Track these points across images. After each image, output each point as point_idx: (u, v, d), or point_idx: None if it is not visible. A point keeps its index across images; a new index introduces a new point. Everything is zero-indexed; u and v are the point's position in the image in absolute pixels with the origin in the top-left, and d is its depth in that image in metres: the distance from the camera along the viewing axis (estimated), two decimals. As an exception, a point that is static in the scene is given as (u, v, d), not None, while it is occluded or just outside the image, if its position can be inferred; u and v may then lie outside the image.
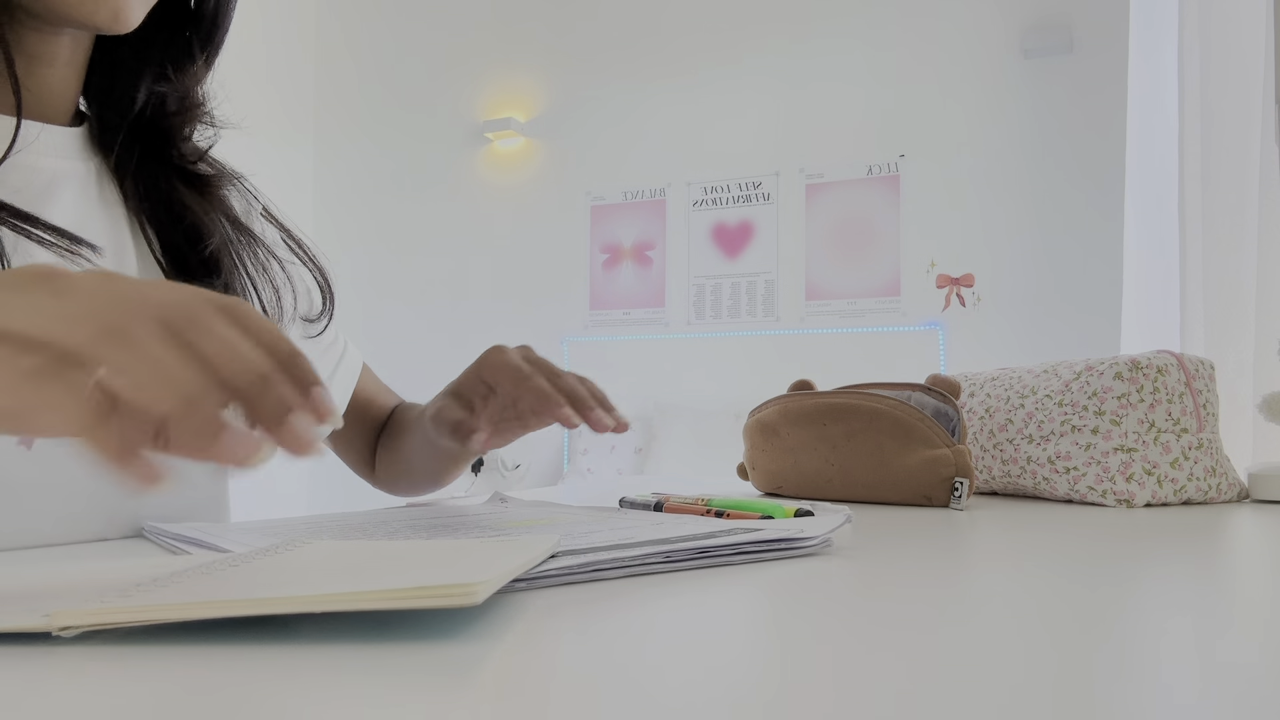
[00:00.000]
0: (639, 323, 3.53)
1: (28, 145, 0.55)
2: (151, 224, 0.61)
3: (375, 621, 0.29)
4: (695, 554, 0.41)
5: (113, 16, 0.52)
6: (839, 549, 0.49)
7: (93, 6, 0.51)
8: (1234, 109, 1.86)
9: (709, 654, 0.27)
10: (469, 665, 0.25)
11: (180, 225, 0.61)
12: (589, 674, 0.25)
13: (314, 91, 4.08)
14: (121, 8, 0.52)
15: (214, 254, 0.61)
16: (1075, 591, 0.38)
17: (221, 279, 0.61)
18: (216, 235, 0.62)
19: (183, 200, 0.62)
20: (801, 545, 0.45)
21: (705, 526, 0.49)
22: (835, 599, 0.36)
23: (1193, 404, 0.81)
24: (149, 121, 0.61)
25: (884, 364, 3.17)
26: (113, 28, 0.52)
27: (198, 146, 0.65)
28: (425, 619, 0.29)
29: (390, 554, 0.36)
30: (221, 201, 0.65)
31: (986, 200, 3.10)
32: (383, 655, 0.26)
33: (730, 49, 3.46)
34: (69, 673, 0.24)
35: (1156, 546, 0.54)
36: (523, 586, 0.35)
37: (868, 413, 0.81)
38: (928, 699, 0.22)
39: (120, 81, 0.61)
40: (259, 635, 0.27)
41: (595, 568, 0.38)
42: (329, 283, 0.75)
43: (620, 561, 0.39)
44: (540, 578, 0.36)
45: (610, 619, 0.32)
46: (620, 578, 0.39)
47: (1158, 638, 0.30)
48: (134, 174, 0.61)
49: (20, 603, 0.29)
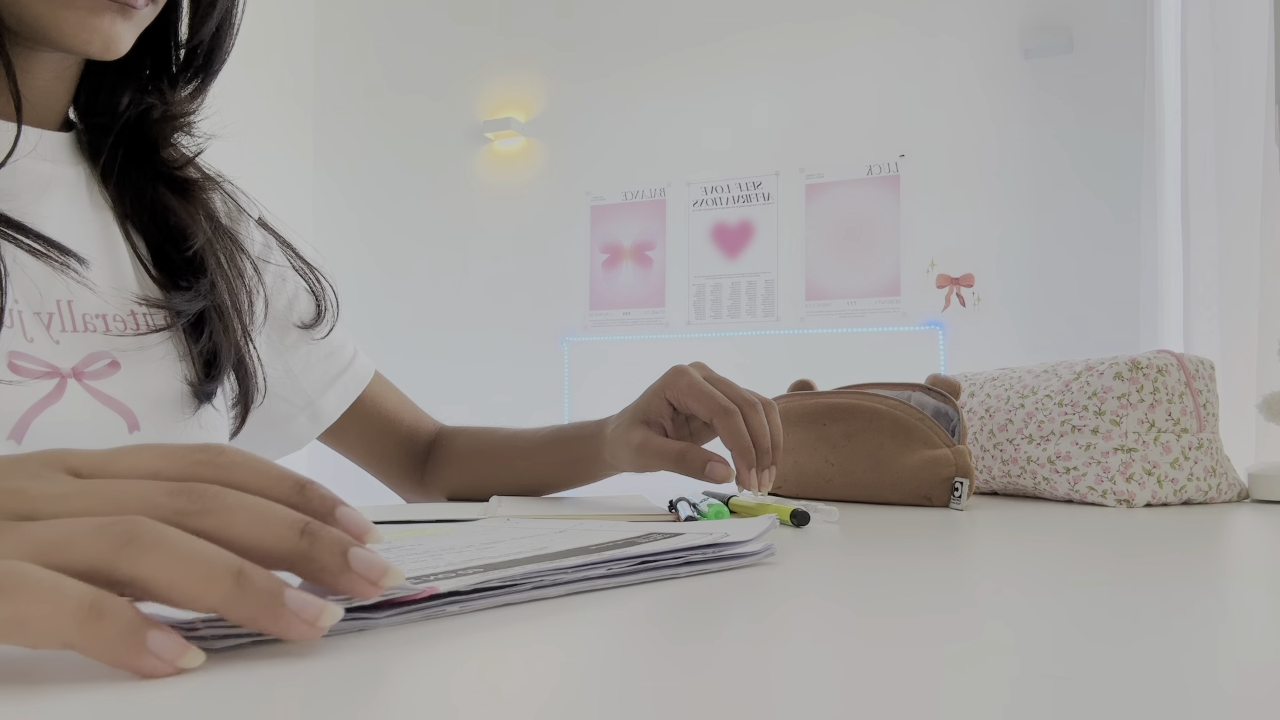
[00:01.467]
0: (639, 323, 3.53)
1: (24, 152, 0.55)
2: (136, 226, 0.62)
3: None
4: (632, 567, 0.37)
5: (104, 46, 0.52)
6: (839, 550, 0.49)
7: (87, 36, 0.51)
8: (1238, 109, 1.86)
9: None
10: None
11: (164, 228, 0.62)
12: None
13: (314, 92, 4.08)
14: (113, 38, 0.52)
15: (198, 254, 0.62)
16: (1075, 592, 0.37)
17: (208, 278, 0.61)
18: (200, 237, 0.62)
19: (165, 204, 0.62)
20: (729, 553, 0.40)
21: (613, 534, 0.43)
22: (833, 599, 0.36)
23: (1193, 404, 0.80)
24: (133, 128, 0.62)
25: (884, 364, 3.17)
26: (104, 55, 0.53)
27: (184, 153, 0.65)
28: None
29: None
30: (205, 204, 0.65)
31: (986, 200, 3.10)
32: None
33: (730, 49, 3.46)
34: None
35: (1157, 547, 0.53)
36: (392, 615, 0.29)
37: (868, 413, 0.81)
38: (927, 699, 0.22)
39: (106, 92, 0.62)
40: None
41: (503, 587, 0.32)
42: (327, 287, 0.75)
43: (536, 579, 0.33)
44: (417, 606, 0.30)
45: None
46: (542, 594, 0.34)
47: (1158, 638, 0.30)
48: (118, 179, 0.62)
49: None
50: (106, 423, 0.56)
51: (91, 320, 0.57)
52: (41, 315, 0.55)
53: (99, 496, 0.27)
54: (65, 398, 0.54)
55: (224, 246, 0.65)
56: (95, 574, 0.24)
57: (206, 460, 0.28)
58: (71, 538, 0.25)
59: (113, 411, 0.56)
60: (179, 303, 0.60)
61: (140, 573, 0.24)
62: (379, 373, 0.83)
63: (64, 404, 0.54)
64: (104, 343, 0.57)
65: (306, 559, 0.26)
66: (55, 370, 0.54)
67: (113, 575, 0.24)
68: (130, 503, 0.26)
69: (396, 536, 0.46)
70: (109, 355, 0.57)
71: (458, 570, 0.33)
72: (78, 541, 0.25)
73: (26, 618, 0.22)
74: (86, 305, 0.57)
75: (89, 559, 0.24)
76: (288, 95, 3.97)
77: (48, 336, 0.55)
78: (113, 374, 0.57)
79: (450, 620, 0.30)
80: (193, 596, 0.24)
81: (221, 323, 0.62)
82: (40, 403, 0.53)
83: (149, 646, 0.23)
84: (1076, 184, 3.01)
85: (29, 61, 0.56)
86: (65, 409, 0.54)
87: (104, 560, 0.24)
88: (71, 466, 0.29)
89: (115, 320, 0.58)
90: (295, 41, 4.02)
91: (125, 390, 0.57)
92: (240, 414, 0.66)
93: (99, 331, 0.58)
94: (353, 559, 0.26)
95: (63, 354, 0.55)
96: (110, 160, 0.61)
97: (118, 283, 0.60)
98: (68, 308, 0.56)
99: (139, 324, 0.59)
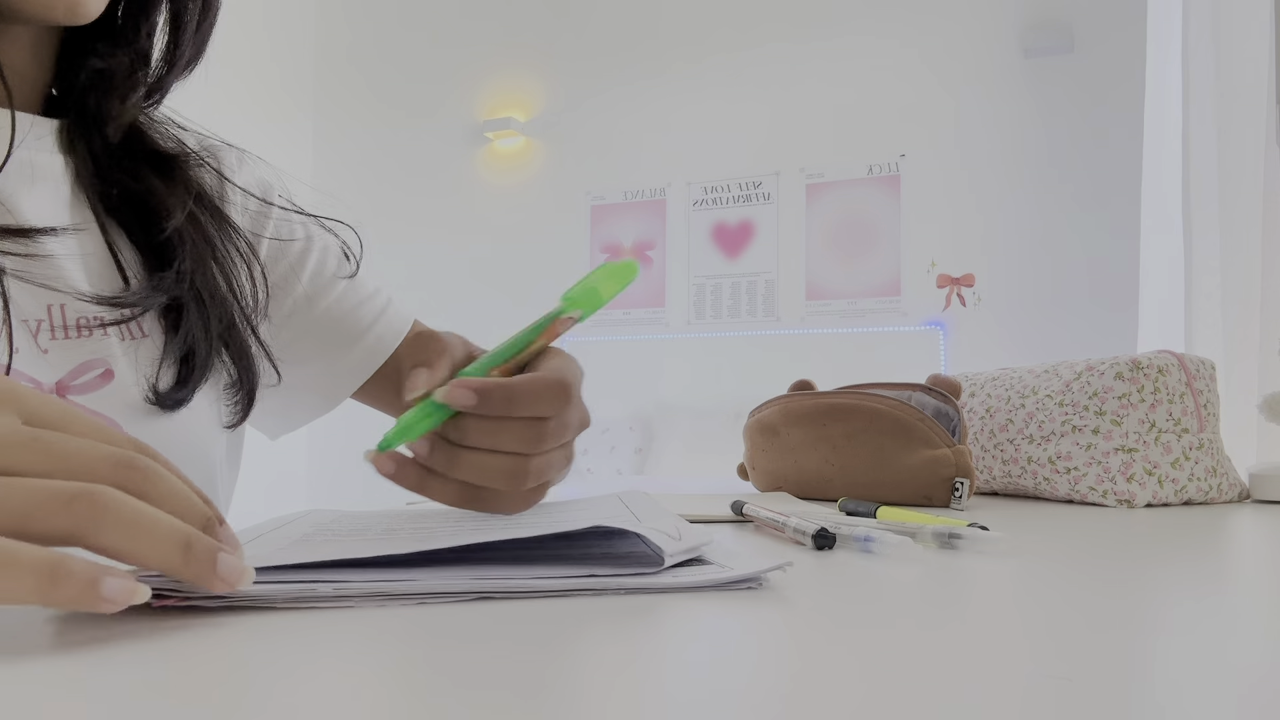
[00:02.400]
0: (639, 323, 3.53)
1: (16, 140, 0.53)
2: (117, 218, 0.58)
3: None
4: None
5: (69, 10, 0.49)
6: (836, 549, 0.49)
7: (49, 2, 0.49)
8: (1238, 109, 1.86)
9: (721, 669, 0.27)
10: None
11: (145, 213, 0.58)
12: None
13: (314, 92, 4.08)
14: (78, 1, 0.49)
15: (176, 232, 0.57)
16: (1075, 592, 0.37)
17: (186, 260, 0.57)
18: (177, 215, 0.58)
19: (148, 185, 0.58)
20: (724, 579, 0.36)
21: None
22: (831, 600, 0.36)
23: (1193, 404, 0.80)
24: (99, 91, 0.58)
25: (884, 364, 3.17)
26: (70, 20, 0.50)
27: (164, 121, 0.61)
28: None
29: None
30: (188, 180, 0.61)
31: (987, 200, 3.10)
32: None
33: (731, 49, 3.46)
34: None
35: (1157, 547, 0.53)
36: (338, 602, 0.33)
37: (868, 413, 0.81)
38: (928, 699, 0.22)
39: (77, 60, 0.58)
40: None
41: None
42: (338, 237, 0.71)
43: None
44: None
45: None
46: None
47: (1158, 638, 0.30)
48: (102, 163, 0.58)
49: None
50: None
51: (86, 324, 0.54)
52: (30, 323, 0.52)
53: (49, 455, 0.30)
54: None
55: (212, 225, 0.60)
56: (65, 542, 0.28)
57: (140, 458, 0.31)
58: (39, 509, 0.28)
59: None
60: (155, 295, 0.56)
61: (107, 543, 0.28)
62: (420, 322, 0.75)
63: None
64: (99, 348, 0.54)
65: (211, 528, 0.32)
66: (37, 386, 0.51)
67: (82, 544, 0.28)
68: (78, 467, 0.30)
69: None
70: (104, 363, 0.54)
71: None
72: (46, 514, 0.28)
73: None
74: (80, 308, 0.54)
75: (59, 531, 0.28)
76: (288, 95, 3.97)
77: (35, 346, 0.52)
78: (104, 385, 0.54)
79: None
80: (150, 561, 0.29)
81: (201, 312, 0.57)
82: None
83: (103, 594, 0.26)
84: (1077, 184, 3.01)
85: (2, 38, 0.53)
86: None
87: (73, 532, 0.28)
88: (26, 411, 0.31)
89: (110, 321, 0.55)
90: (295, 42, 4.03)
91: (114, 402, 0.54)
92: (244, 400, 0.62)
93: (94, 336, 0.54)
94: (220, 563, 0.31)
95: (50, 365, 0.52)
96: (92, 143, 0.58)
97: (109, 280, 0.57)
98: (59, 311, 0.53)
99: (133, 327, 0.56)
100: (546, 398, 0.44)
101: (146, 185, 0.59)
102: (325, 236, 0.71)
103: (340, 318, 0.69)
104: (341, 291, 0.70)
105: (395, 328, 0.72)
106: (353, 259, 0.72)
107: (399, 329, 0.72)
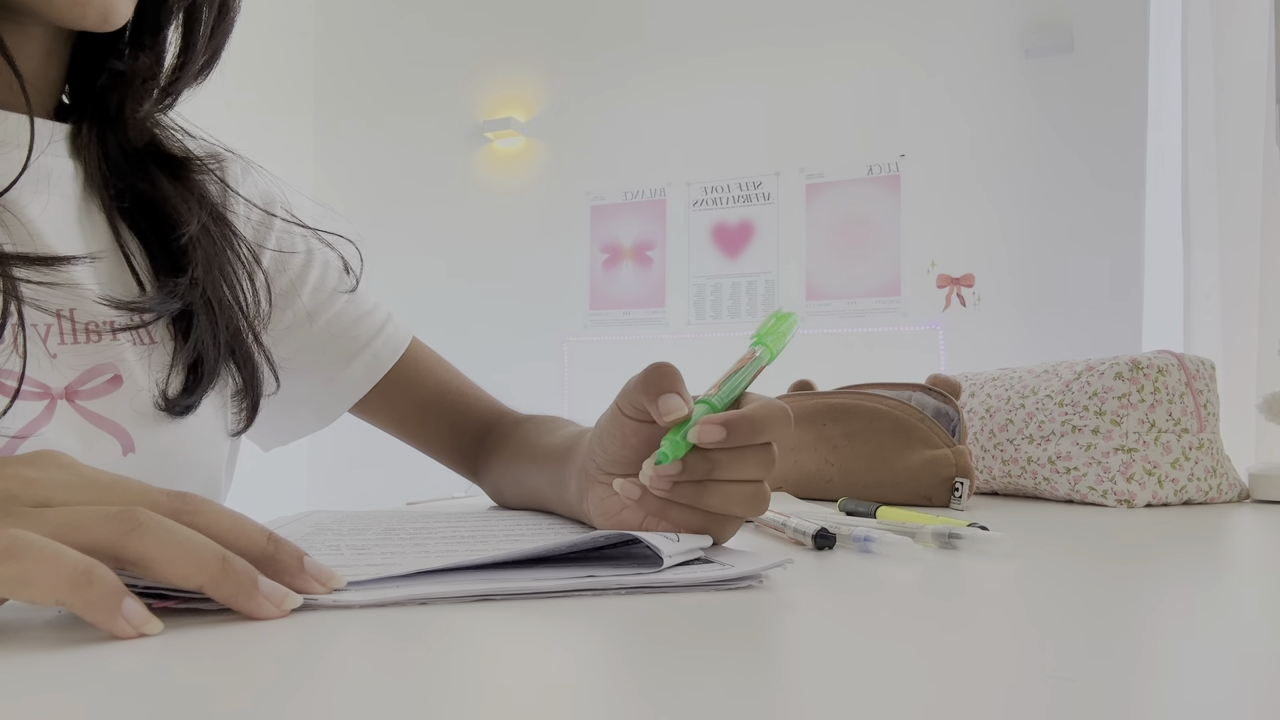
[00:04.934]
0: (639, 323, 3.53)
1: (14, 138, 0.52)
2: (129, 221, 0.58)
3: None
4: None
5: (101, 17, 0.49)
6: (836, 549, 0.49)
7: (82, 9, 0.49)
8: (1238, 109, 1.86)
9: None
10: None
11: (158, 218, 0.58)
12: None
13: (313, 92, 4.08)
14: (110, 8, 0.49)
15: (191, 241, 0.57)
16: (1076, 592, 0.37)
17: (197, 271, 0.57)
18: (193, 222, 0.58)
19: (161, 190, 0.58)
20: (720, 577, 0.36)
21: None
22: (831, 600, 0.36)
23: (1193, 404, 0.80)
24: (114, 96, 0.58)
25: (884, 364, 3.17)
26: (101, 27, 0.50)
27: (173, 127, 0.61)
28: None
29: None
30: (198, 186, 0.61)
31: (986, 200, 3.10)
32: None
33: (730, 49, 3.45)
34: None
35: (1157, 547, 0.53)
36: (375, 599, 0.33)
37: (868, 413, 0.81)
38: (928, 699, 0.22)
39: (94, 63, 0.58)
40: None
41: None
42: (347, 250, 0.72)
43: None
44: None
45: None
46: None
47: (1158, 638, 0.30)
48: (114, 167, 0.58)
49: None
50: (99, 446, 0.52)
51: (96, 329, 0.54)
52: (39, 328, 0.51)
53: (104, 489, 0.32)
54: (55, 419, 0.51)
55: (218, 234, 0.60)
56: (105, 551, 0.29)
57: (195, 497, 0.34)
58: (86, 521, 0.30)
59: (106, 433, 0.53)
60: (170, 301, 0.56)
61: (144, 552, 0.29)
62: (418, 340, 0.75)
63: (54, 426, 0.51)
64: (108, 353, 0.54)
65: (271, 560, 0.32)
66: (46, 390, 0.51)
67: (121, 554, 0.29)
68: (133, 497, 0.32)
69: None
70: (112, 369, 0.54)
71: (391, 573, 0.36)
72: (91, 524, 0.30)
73: (30, 577, 0.27)
74: (91, 312, 0.53)
75: (101, 538, 0.29)
76: (287, 95, 3.97)
77: (44, 351, 0.51)
78: (112, 391, 0.54)
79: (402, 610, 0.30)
80: (185, 575, 0.30)
81: (210, 320, 0.57)
82: (29, 425, 0.50)
83: (122, 612, 0.28)
84: (1077, 184, 3.01)
85: (19, 40, 0.52)
86: (55, 432, 0.51)
87: (114, 540, 0.29)
88: (83, 473, 0.34)
89: (121, 327, 0.54)
90: (295, 42, 4.03)
91: (122, 408, 0.54)
92: (250, 409, 0.62)
93: (104, 341, 0.54)
94: (307, 563, 0.33)
95: (58, 371, 0.52)
96: (105, 146, 0.57)
97: (122, 285, 0.56)
98: (69, 316, 0.53)
99: (143, 332, 0.56)
100: (781, 421, 0.45)
101: (160, 190, 0.59)
102: (326, 251, 0.71)
103: (339, 333, 0.70)
104: (341, 307, 0.70)
105: (394, 344, 0.72)
106: (353, 274, 0.72)
107: (398, 345, 0.73)
